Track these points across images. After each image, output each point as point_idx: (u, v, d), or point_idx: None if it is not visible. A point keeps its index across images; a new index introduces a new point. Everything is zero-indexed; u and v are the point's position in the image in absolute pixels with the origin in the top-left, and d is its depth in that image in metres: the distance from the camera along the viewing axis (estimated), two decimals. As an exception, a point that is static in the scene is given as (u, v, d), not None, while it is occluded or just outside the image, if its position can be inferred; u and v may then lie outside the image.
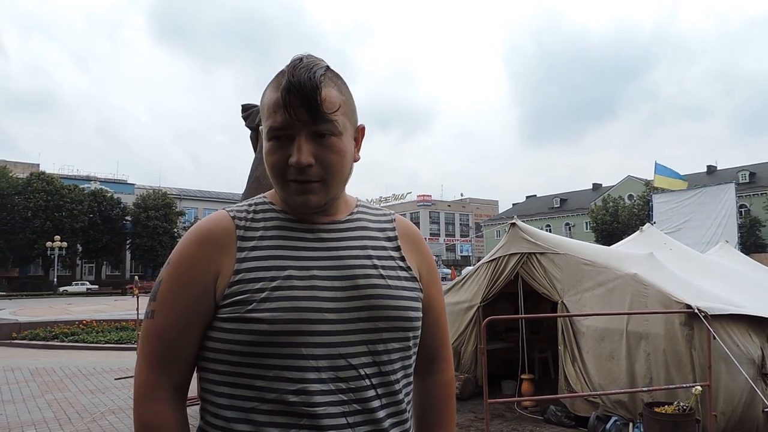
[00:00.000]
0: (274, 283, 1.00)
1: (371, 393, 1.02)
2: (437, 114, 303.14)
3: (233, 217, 1.08)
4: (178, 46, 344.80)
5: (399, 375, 1.07)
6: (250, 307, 0.98)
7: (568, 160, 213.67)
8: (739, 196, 30.12)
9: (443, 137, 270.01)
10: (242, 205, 1.12)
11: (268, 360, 0.97)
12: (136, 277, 48.02)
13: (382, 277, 1.08)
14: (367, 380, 1.02)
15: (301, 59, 1.03)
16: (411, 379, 1.13)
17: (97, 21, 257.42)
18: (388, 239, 1.17)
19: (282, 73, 1.04)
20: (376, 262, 1.10)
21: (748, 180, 57.53)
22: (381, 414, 1.02)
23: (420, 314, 1.13)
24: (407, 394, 1.10)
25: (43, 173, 51.95)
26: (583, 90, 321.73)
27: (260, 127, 1.08)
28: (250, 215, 1.09)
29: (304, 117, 1.00)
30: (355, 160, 1.12)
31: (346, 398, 0.99)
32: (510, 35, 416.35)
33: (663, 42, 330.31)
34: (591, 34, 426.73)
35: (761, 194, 53.54)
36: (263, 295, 0.98)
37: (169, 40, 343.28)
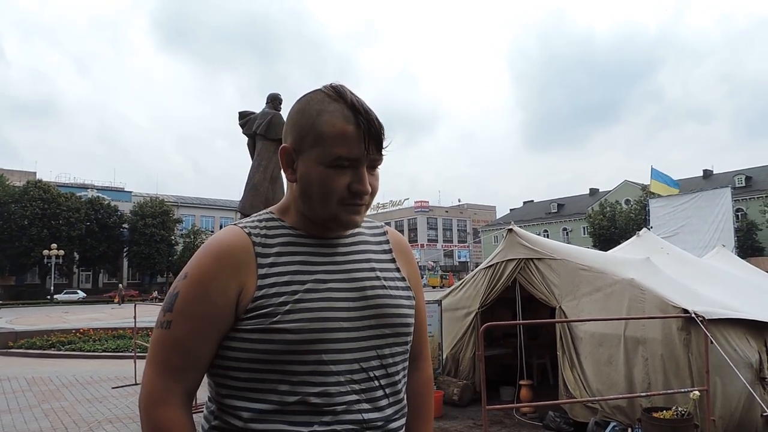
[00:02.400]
0: (296, 296, 1.08)
1: (380, 393, 1.13)
2: (440, 118, 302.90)
3: (249, 234, 1.14)
4: (180, 50, 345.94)
5: (401, 375, 1.19)
6: (275, 319, 1.05)
7: (571, 164, 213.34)
8: (735, 200, 30.26)
9: (446, 142, 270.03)
10: (253, 221, 1.18)
11: (293, 367, 1.05)
12: (120, 285, 47.65)
13: (385, 287, 1.19)
14: (376, 381, 1.13)
15: (352, 93, 1.13)
16: (407, 378, 1.25)
17: (99, 25, 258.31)
18: (384, 251, 1.27)
19: (332, 100, 1.11)
20: (379, 273, 1.20)
21: (744, 184, 57.66)
22: (389, 411, 1.14)
23: (413, 320, 1.25)
24: (405, 391, 1.22)
25: (40, 181, 51.83)
26: (588, 93, 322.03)
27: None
28: (263, 231, 1.16)
29: (373, 153, 1.12)
30: None
31: (359, 398, 1.09)
32: (515, 38, 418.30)
33: (668, 44, 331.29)
34: (596, 37, 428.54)
35: (757, 198, 53.69)
36: (287, 307, 1.06)
37: (171, 45, 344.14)
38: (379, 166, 1.16)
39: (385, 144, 1.13)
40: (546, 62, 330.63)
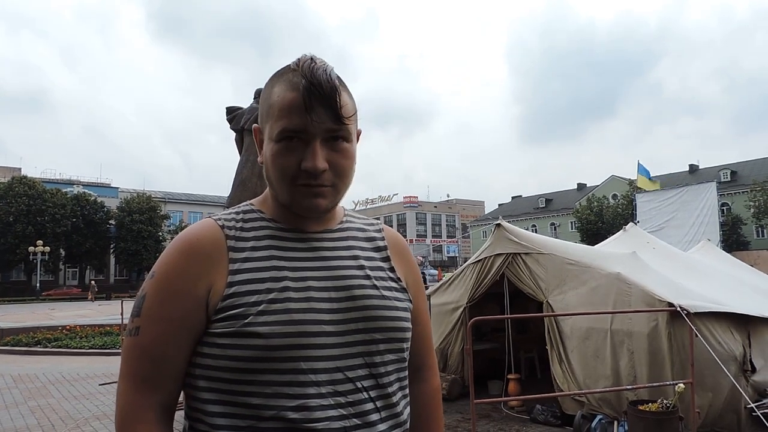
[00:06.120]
0: (271, 296, 0.96)
1: (370, 406, 0.99)
2: (435, 112, 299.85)
3: (222, 227, 1.03)
4: (172, 42, 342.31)
5: (395, 387, 1.05)
6: (246, 321, 0.93)
7: (563, 160, 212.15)
8: (720, 195, 30.63)
9: (439, 136, 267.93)
10: (229, 213, 1.07)
11: (267, 376, 0.93)
12: (93, 282, 46.94)
13: (375, 287, 1.06)
14: (364, 393, 0.99)
15: (313, 60, 1.01)
16: (407, 390, 1.10)
17: (87, 15, 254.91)
18: (377, 249, 1.15)
19: (290, 70, 1.01)
20: (369, 272, 1.08)
21: (729, 179, 58.31)
22: (382, 427, 1.00)
23: (410, 325, 1.11)
24: (405, 406, 1.08)
25: (25, 177, 51.24)
26: (584, 86, 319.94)
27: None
28: (239, 224, 1.04)
29: (323, 121, 0.97)
30: None
31: (345, 413, 0.96)
32: (514, 30, 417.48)
33: (668, 37, 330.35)
34: (596, 29, 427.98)
35: (742, 192, 54.23)
36: (260, 308, 0.94)
37: (163, 36, 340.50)
38: (345, 141, 1.01)
39: (346, 111, 0.99)
40: (544, 55, 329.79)
